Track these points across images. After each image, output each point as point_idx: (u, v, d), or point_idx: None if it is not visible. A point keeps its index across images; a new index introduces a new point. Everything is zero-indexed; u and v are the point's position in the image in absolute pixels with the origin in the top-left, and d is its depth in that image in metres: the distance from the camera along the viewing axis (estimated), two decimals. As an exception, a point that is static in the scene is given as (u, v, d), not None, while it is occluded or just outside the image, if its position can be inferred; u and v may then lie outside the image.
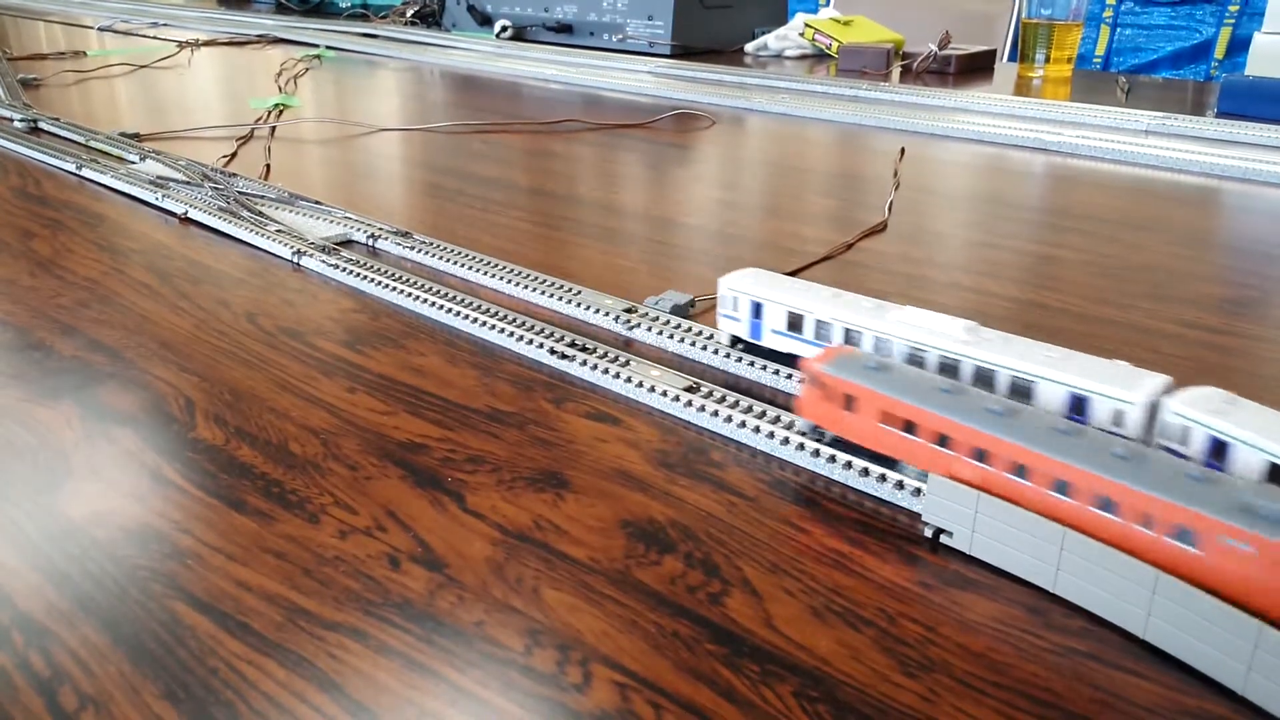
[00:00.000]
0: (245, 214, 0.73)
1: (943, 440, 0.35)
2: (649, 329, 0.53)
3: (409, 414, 0.45)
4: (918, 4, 1.93)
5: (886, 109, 1.19)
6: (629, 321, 0.54)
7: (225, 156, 0.93)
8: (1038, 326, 0.56)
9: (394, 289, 0.59)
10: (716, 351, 0.50)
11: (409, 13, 2.06)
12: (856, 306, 0.45)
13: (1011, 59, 1.82)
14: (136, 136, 1.00)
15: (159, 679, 0.29)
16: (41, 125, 1.06)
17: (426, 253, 0.66)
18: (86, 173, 0.87)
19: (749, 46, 1.73)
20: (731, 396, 0.45)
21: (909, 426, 0.36)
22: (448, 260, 0.64)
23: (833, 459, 0.40)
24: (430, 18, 2.04)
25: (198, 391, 0.48)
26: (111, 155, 0.93)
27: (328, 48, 1.76)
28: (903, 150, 1.00)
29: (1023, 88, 1.38)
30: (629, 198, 0.84)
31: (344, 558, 0.35)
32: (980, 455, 0.34)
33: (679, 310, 0.55)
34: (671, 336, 0.52)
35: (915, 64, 1.51)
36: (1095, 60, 2.16)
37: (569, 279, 0.60)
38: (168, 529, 0.37)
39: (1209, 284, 0.63)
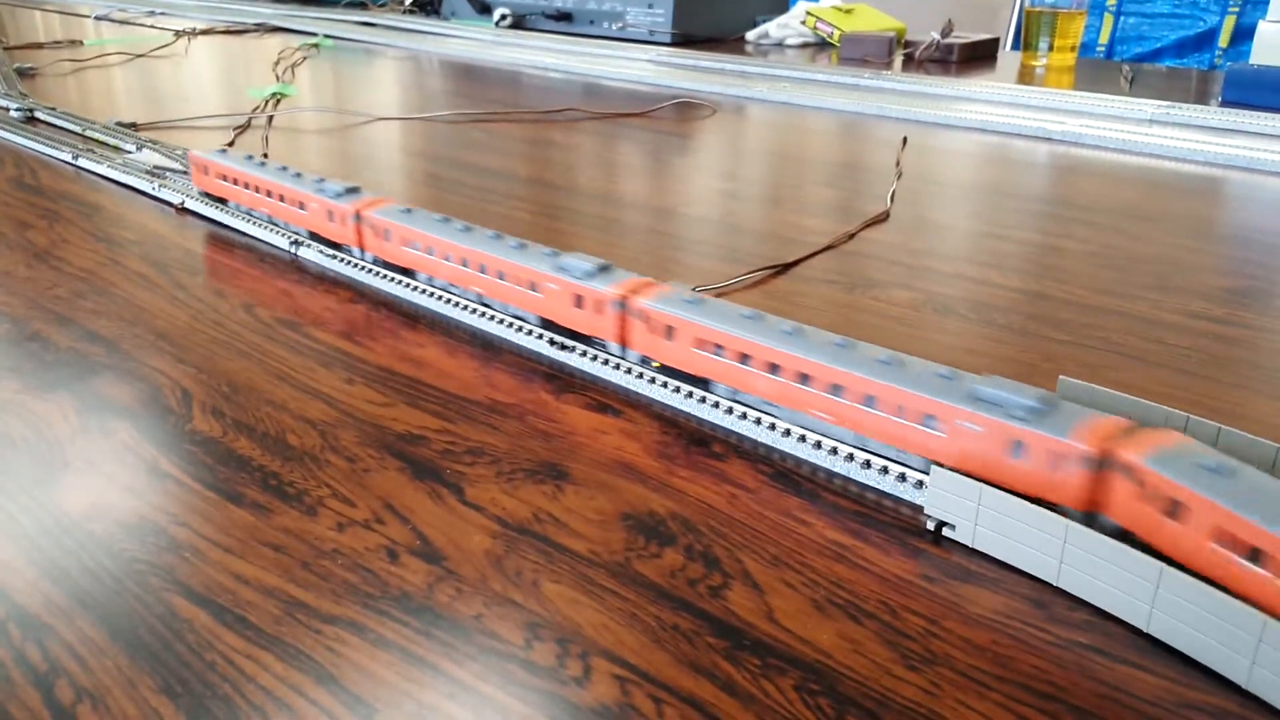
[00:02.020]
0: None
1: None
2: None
3: (407, 405, 0.45)
4: (920, -8, 1.92)
5: (889, 98, 1.18)
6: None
7: (223, 146, 0.93)
8: (1041, 317, 0.55)
9: (392, 279, 0.58)
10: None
11: (407, 1, 2.05)
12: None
13: (1015, 47, 1.81)
14: (133, 126, 1.00)
15: (156, 673, 0.29)
16: (38, 115, 1.05)
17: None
18: (83, 163, 0.87)
19: (750, 34, 1.73)
20: (732, 388, 0.45)
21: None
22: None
23: (834, 451, 0.40)
24: (429, 6, 2.03)
25: (195, 383, 0.47)
26: (108, 145, 0.92)
27: (326, 36, 1.75)
28: (905, 139, 0.99)
29: (1026, 76, 1.37)
30: (629, 187, 0.84)
31: (342, 550, 0.35)
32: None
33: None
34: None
35: (918, 52, 1.50)
36: (1099, 49, 2.15)
37: (569, 269, 0.60)
38: (165, 522, 0.36)
39: (1213, 274, 0.63)
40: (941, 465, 0.36)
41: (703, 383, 0.44)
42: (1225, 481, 0.30)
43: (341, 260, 0.61)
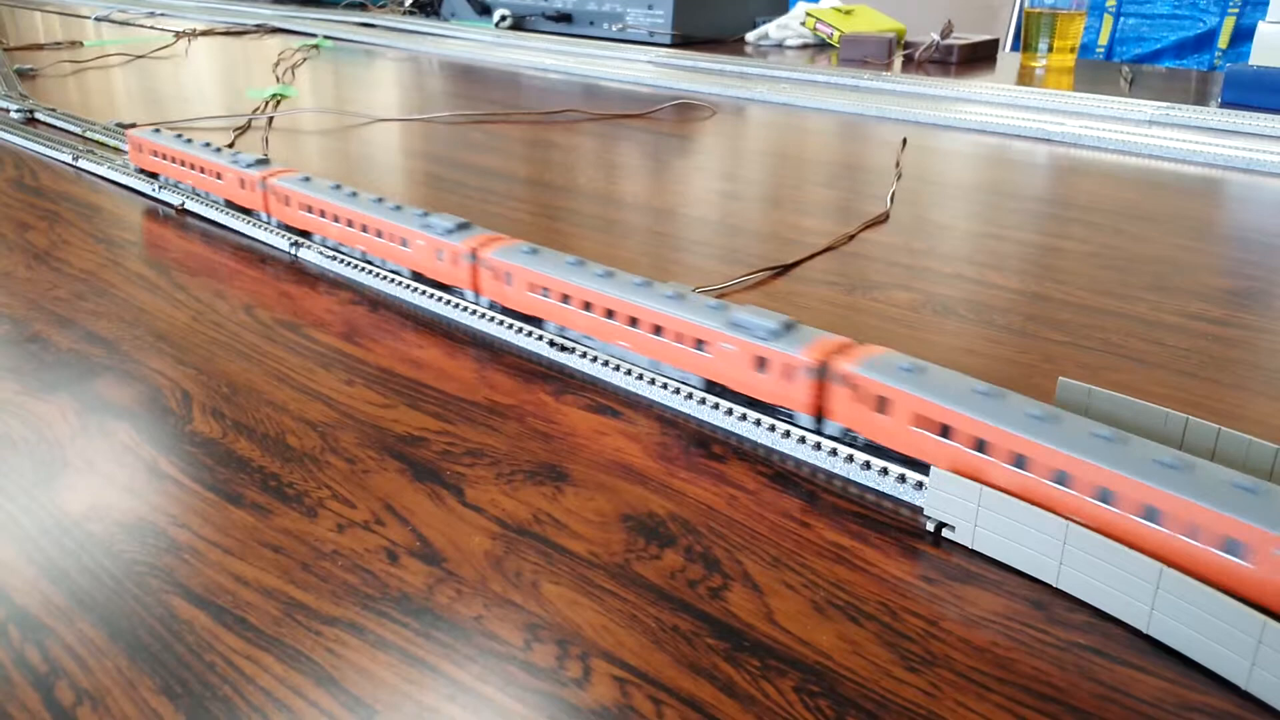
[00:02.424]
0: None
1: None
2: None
3: (407, 407, 0.45)
4: (919, -7, 1.92)
5: (888, 99, 1.18)
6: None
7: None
8: (1041, 318, 0.55)
9: (392, 280, 0.58)
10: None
11: (407, 2, 2.05)
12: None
13: (1014, 48, 1.81)
14: (134, 127, 1.00)
15: (156, 674, 0.29)
16: (38, 116, 1.05)
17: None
18: (83, 164, 0.87)
19: (750, 36, 1.73)
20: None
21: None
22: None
23: (834, 453, 0.40)
24: (429, 7, 2.03)
25: (195, 384, 0.47)
26: (108, 146, 0.92)
27: (325, 37, 1.76)
28: (905, 140, 0.99)
29: (1025, 77, 1.38)
30: (629, 188, 0.84)
31: (342, 552, 0.35)
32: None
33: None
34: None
35: (917, 53, 1.50)
36: (1098, 50, 2.15)
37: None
38: (164, 523, 0.36)
39: (1212, 275, 0.63)
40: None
41: (537, 321, 0.52)
42: (919, 377, 0.37)
43: (341, 261, 0.61)
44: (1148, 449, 0.33)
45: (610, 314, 0.47)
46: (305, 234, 0.65)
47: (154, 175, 0.79)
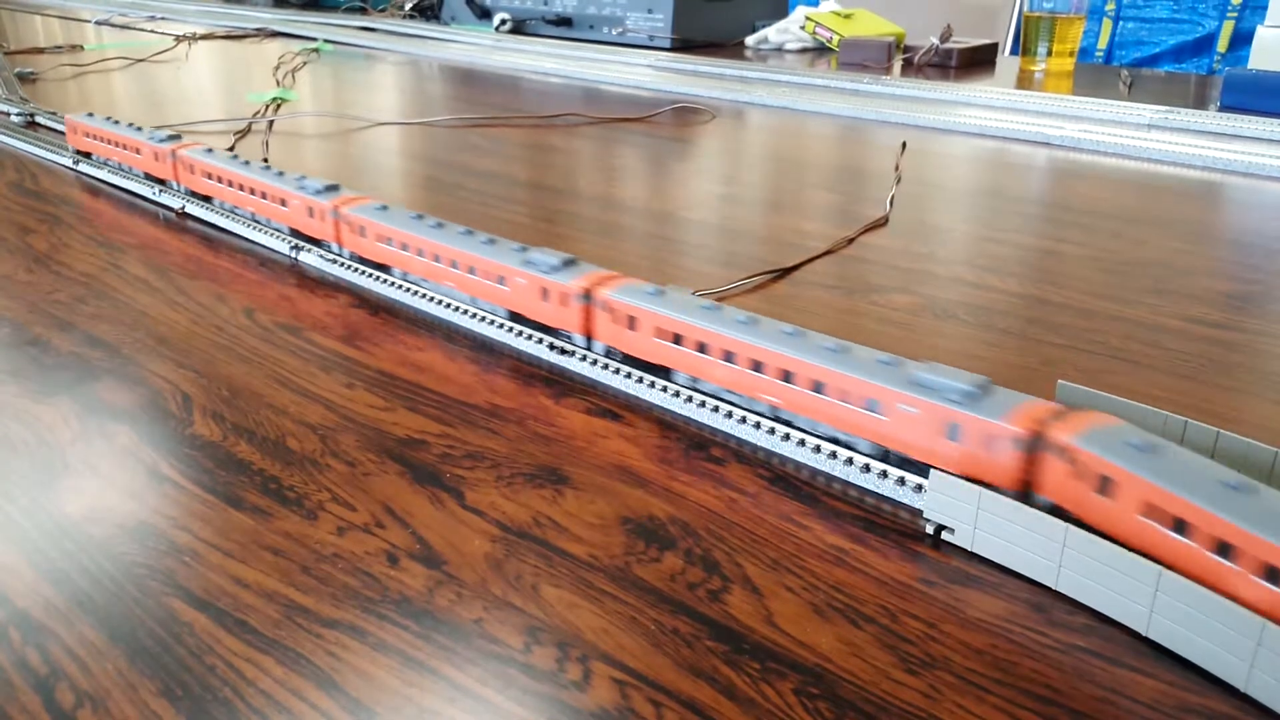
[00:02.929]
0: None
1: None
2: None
3: (407, 410, 0.45)
4: (919, -3, 1.92)
5: (888, 103, 1.18)
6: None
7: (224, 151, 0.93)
8: (1040, 322, 0.55)
9: (392, 284, 0.58)
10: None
11: (407, 6, 2.05)
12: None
13: (1013, 52, 1.82)
14: (134, 130, 1.00)
15: (156, 676, 0.29)
16: (39, 119, 1.06)
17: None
18: (84, 167, 0.87)
19: (749, 40, 1.73)
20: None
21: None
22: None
23: (833, 455, 0.40)
24: (429, 11, 2.04)
25: (195, 387, 0.47)
26: (58, 132, 0.93)
27: (325, 41, 1.76)
28: (904, 144, 0.99)
29: (1025, 81, 1.38)
30: (628, 192, 0.84)
31: (342, 554, 0.35)
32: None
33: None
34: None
35: (917, 57, 1.51)
36: (1097, 54, 2.15)
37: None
38: (165, 526, 0.37)
39: (1212, 279, 0.63)
40: (941, 470, 0.36)
41: (385, 268, 0.59)
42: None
43: (341, 264, 0.62)
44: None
45: (436, 258, 0.55)
46: (206, 198, 0.73)
47: (88, 155, 0.88)
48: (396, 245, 0.57)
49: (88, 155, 0.87)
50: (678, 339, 0.44)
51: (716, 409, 0.44)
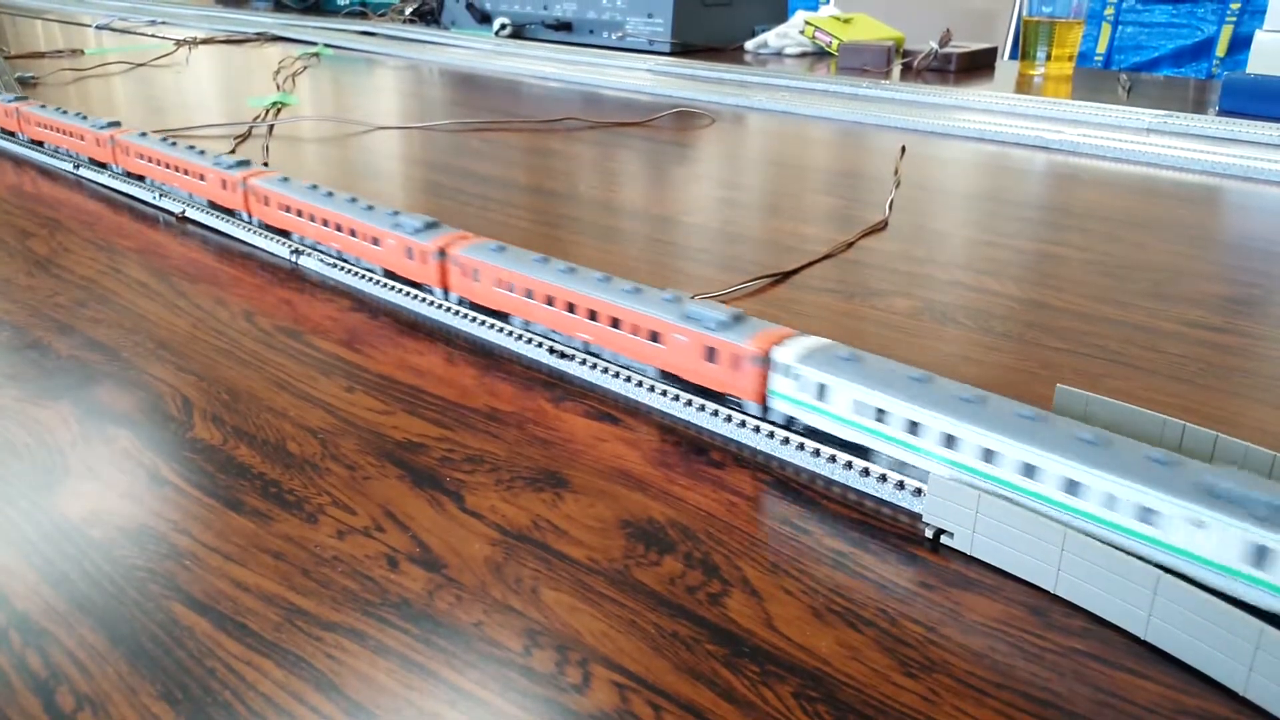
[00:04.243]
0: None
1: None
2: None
3: (407, 413, 0.45)
4: (918, 1, 1.93)
5: (887, 107, 1.19)
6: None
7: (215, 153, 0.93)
8: (1039, 325, 0.55)
9: (392, 287, 0.58)
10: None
11: (408, 10, 2.05)
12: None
13: (1013, 57, 1.82)
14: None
15: (156, 679, 0.29)
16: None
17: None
18: (84, 172, 0.87)
19: (749, 44, 1.73)
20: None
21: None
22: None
23: (833, 459, 0.40)
24: (429, 15, 2.04)
25: (195, 391, 0.47)
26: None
27: (326, 46, 1.76)
28: (903, 148, 0.99)
29: (1024, 85, 1.38)
30: (628, 196, 0.84)
31: (342, 558, 0.35)
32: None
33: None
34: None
35: (916, 62, 1.51)
36: (1096, 58, 2.16)
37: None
38: (165, 529, 0.37)
39: (1210, 283, 0.63)
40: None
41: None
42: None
43: (341, 268, 0.62)
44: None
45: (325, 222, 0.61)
46: (103, 166, 0.83)
47: (11, 134, 0.98)
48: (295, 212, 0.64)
49: (39, 143, 0.94)
50: (511, 288, 0.51)
51: (716, 413, 0.44)
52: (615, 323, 0.46)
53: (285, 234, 0.65)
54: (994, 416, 0.36)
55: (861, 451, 0.40)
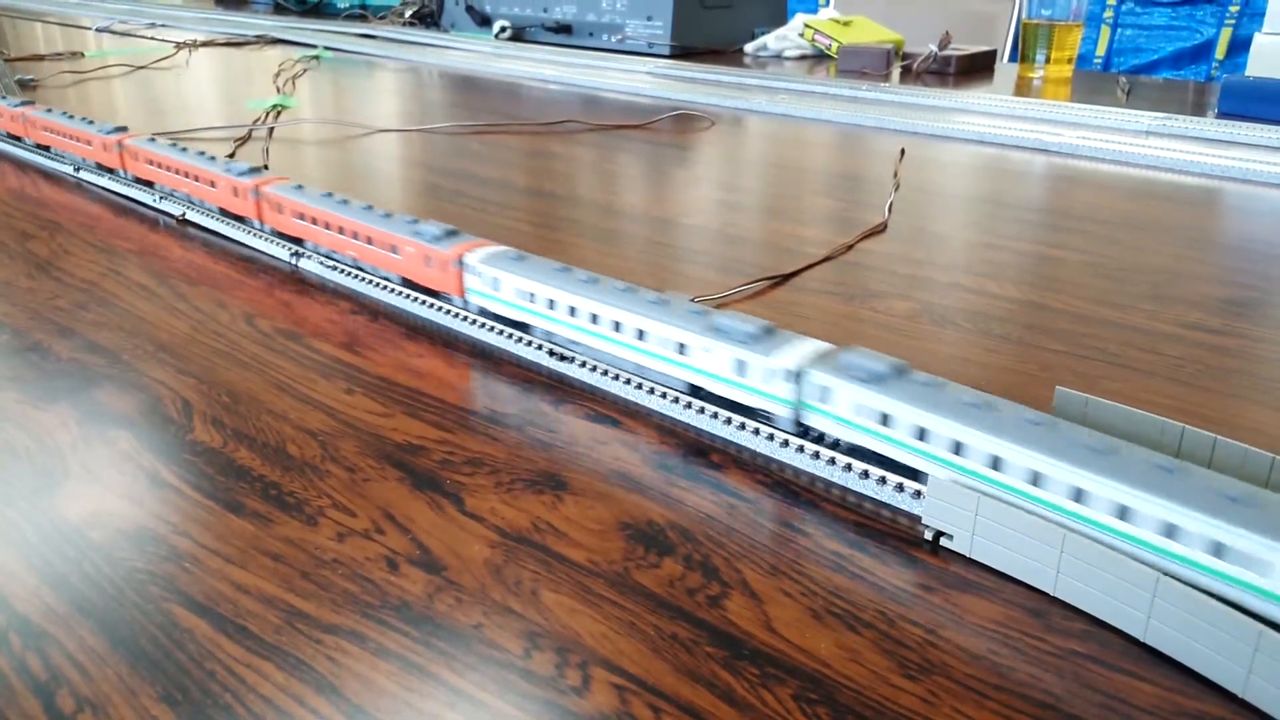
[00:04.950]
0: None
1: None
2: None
3: (407, 416, 0.45)
4: (918, 4, 1.93)
5: (886, 110, 1.19)
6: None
7: (224, 158, 0.93)
8: (1038, 328, 0.55)
9: (391, 290, 0.58)
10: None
11: (407, 13, 2.06)
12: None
13: (1012, 59, 1.82)
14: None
15: (157, 682, 0.29)
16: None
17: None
18: (84, 174, 0.87)
19: (748, 47, 1.73)
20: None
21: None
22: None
23: (832, 461, 0.40)
24: (429, 18, 2.04)
25: (195, 393, 0.48)
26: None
27: (326, 48, 1.76)
28: (903, 151, 1.00)
29: (1023, 88, 1.38)
30: (628, 198, 0.84)
31: (342, 560, 0.35)
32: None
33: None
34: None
35: (915, 64, 1.51)
36: (1096, 61, 2.16)
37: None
38: (165, 531, 0.37)
39: (1210, 285, 0.63)
40: None
41: (148, 183, 0.79)
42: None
43: (341, 271, 0.62)
44: None
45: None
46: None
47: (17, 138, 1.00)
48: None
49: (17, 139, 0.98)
50: (302, 216, 0.63)
51: (715, 416, 0.44)
52: (370, 240, 0.59)
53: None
54: (608, 291, 0.47)
55: (524, 328, 0.52)
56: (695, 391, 0.45)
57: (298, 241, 0.66)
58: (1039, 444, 0.34)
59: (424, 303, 0.57)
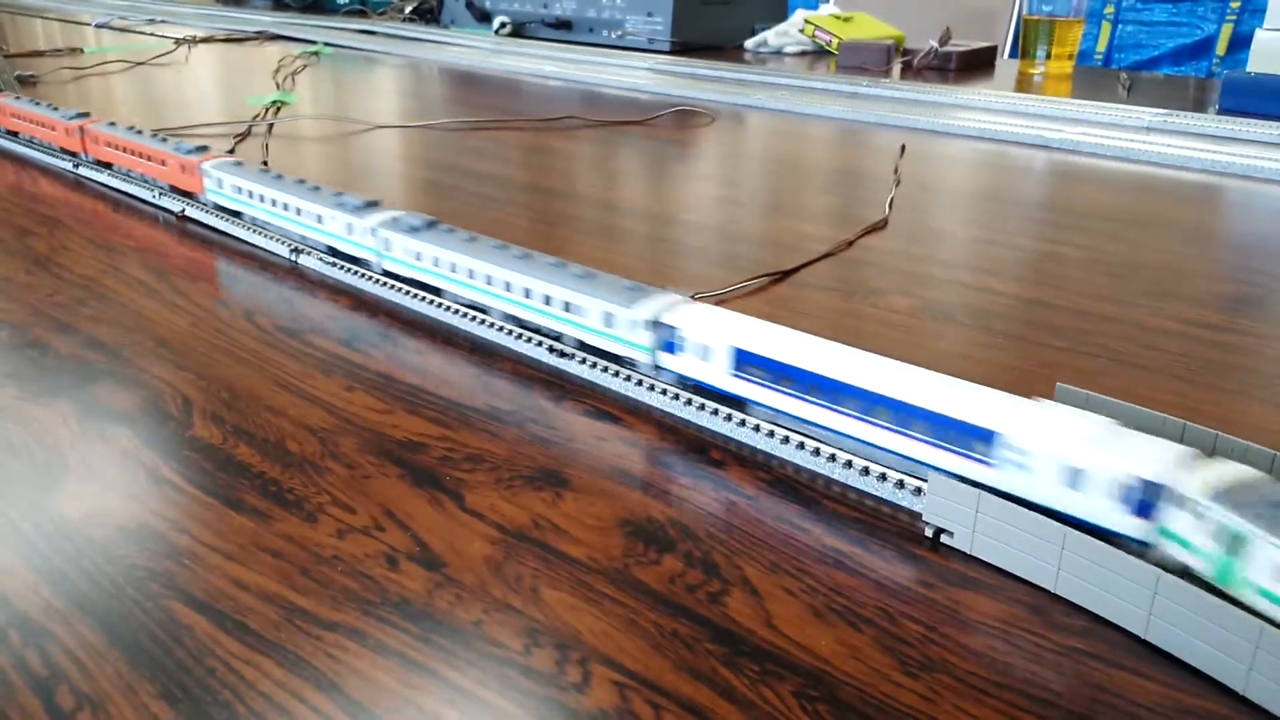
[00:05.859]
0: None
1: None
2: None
3: (407, 412, 0.45)
4: (918, 0, 1.93)
5: (887, 106, 1.19)
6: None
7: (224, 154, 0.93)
8: (1039, 324, 0.55)
9: (391, 286, 0.58)
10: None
11: (407, 9, 2.05)
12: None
13: (1013, 55, 1.82)
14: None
15: (156, 678, 0.29)
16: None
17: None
18: (83, 170, 0.87)
19: (749, 43, 1.73)
20: (731, 394, 0.45)
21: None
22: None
23: (833, 458, 0.40)
24: (429, 14, 2.04)
25: (195, 390, 0.47)
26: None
27: (325, 44, 1.76)
28: (903, 147, 0.99)
29: (1024, 84, 1.38)
30: (628, 194, 0.84)
31: (342, 557, 0.35)
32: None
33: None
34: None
35: (916, 60, 1.51)
36: (1096, 56, 2.16)
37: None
38: (164, 528, 0.37)
39: (1210, 281, 0.63)
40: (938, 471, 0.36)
41: (107, 165, 0.86)
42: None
43: (341, 267, 0.62)
44: None
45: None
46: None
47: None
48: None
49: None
50: (121, 149, 0.80)
51: (715, 412, 0.44)
52: (147, 157, 0.77)
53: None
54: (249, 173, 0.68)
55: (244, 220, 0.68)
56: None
57: (108, 166, 0.84)
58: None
59: (424, 299, 0.57)
